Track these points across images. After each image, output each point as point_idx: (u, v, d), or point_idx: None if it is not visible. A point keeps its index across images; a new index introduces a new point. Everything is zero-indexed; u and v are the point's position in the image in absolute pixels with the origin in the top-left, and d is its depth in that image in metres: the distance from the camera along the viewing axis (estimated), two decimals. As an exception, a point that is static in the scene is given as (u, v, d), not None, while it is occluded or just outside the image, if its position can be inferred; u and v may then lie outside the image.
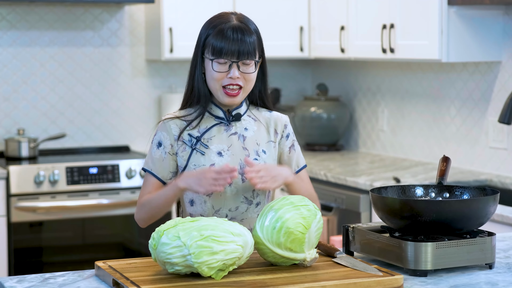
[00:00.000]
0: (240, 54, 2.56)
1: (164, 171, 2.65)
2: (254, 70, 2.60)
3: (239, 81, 2.59)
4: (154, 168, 2.65)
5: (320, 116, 5.42)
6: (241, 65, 2.58)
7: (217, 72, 2.59)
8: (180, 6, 5.19)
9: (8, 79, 5.26)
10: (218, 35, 2.58)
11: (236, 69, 2.57)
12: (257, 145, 2.68)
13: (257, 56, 2.61)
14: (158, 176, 2.65)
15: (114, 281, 2.21)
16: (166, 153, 2.65)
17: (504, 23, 4.30)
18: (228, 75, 2.58)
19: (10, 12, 5.23)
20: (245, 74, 2.59)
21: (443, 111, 4.79)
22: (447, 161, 2.60)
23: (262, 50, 2.65)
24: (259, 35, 2.64)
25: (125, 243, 5.05)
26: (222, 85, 2.60)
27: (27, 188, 4.72)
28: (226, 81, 2.59)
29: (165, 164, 2.65)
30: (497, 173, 4.42)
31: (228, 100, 2.61)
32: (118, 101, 5.51)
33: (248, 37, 2.58)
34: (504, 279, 2.32)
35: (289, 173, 2.63)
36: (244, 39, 2.57)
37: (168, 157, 2.65)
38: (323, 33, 5.18)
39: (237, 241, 2.21)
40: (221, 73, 2.58)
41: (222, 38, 2.57)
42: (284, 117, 2.76)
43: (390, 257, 2.38)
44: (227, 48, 2.56)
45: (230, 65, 2.57)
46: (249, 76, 2.60)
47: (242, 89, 2.61)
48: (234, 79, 2.58)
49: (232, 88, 2.59)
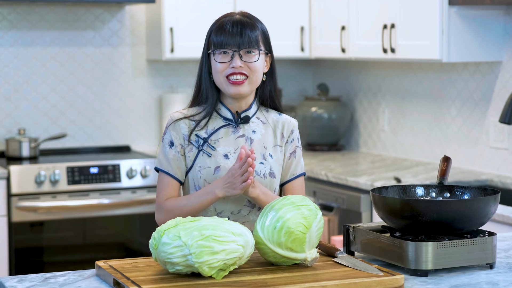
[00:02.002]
0: (241, 44, 2.57)
1: (180, 171, 2.64)
2: (257, 59, 2.59)
3: (242, 70, 2.58)
4: (170, 169, 2.63)
5: (321, 116, 5.42)
6: (244, 55, 2.58)
7: (219, 63, 2.58)
8: (181, 6, 5.19)
9: (9, 79, 5.27)
10: (219, 29, 2.60)
11: (238, 59, 2.57)
12: (264, 149, 2.66)
13: (262, 47, 2.61)
14: (175, 176, 2.63)
15: (115, 280, 2.21)
16: (179, 153, 2.64)
17: (504, 23, 4.30)
18: (231, 64, 2.57)
19: (11, 12, 5.24)
20: (248, 63, 2.58)
21: (444, 111, 4.79)
22: (447, 161, 2.60)
23: (269, 48, 2.65)
24: (265, 33, 2.64)
25: (126, 243, 5.05)
26: (225, 75, 2.59)
27: (28, 188, 4.72)
28: (229, 71, 2.58)
29: (180, 164, 2.63)
30: (498, 173, 4.42)
31: (233, 89, 2.59)
32: (119, 101, 5.51)
33: (248, 30, 2.59)
34: (505, 279, 2.32)
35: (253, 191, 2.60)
36: (244, 31, 2.58)
37: (180, 157, 2.64)
38: (324, 33, 5.18)
39: (238, 241, 2.21)
40: (224, 63, 2.58)
41: (222, 31, 2.59)
42: (293, 121, 2.74)
43: (391, 257, 2.38)
44: (228, 38, 2.57)
45: (233, 55, 2.57)
46: (253, 65, 2.59)
47: (248, 79, 2.59)
48: (237, 68, 2.57)
49: (236, 78, 2.58)
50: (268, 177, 2.63)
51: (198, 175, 2.61)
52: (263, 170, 2.63)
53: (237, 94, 2.60)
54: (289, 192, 2.71)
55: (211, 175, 2.60)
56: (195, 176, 2.62)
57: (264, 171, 2.63)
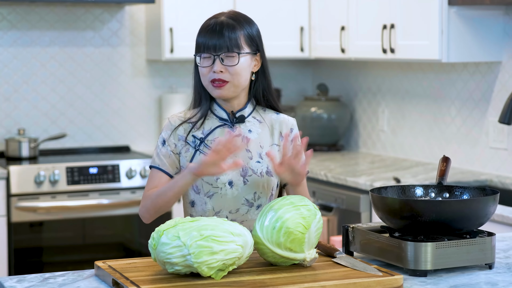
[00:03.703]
0: (217, 47, 2.56)
1: (172, 167, 2.64)
2: (237, 63, 2.57)
3: (222, 75, 2.57)
4: (161, 164, 2.64)
5: (320, 116, 5.42)
6: (225, 58, 2.57)
7: (202, 67, 2.59)
8: (181, 6, 5.19)
9: (9, 79, 5.27)
10: (201, 32, 2.61)
11: (218, 63, 2.57)
12: (260, 148, 2.67)
13: (245, 49, 2.59)
14: (166, 171, 2.64)
15: (114, 281, 2.21)
16: (171, 151, 2.65)
17: (504, 23, 4.30)
18: (212, 69, 2.58)
19: (11, 12, 5.23)
20: (228, 67, 2.57)
21: (443, 111, 4.79)
22: (447, 161, 2.60)
23: (257, 47, 2.64)
24: (249, 33, 2.61)
25: (125, 243, 5.05)
26: (209, 79, 2.59)
27: (27, 188, 4.72)
28: (212, 76, 2.58)
29: (171, 161, 2.64)
30: (497, 173, 4.42)
31: (216, 92, 2.60)
32: (119, 101, 5.51)
33: (228, 31, 2.57)
34: (504, 279, 2.32)
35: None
36: (222, 33, 2.57)
37: (172, 155, 2.64)
38: (324, 33, 5.18)
39: (237, 241, 2.21)
40: (206, 67, 2.59)
41: (203, 34, 2.59)
42: (291, 120, 2.74)
43: (390, 257, 2.38)
44: (206, 42, 2.57)
45: (214, 59, 2.57)
46: (233, 69, 2.57)
47: (230, 82, 2.58)
48: (217, 72, 2.57)
49: (218, 82, 2.58)
50: (265, 176, 2.64)
51: (195, 175, 2.62)
52: (260, 168, 2.64)
53: (220, 96, 2.62)
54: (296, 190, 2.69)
55: (209, 174, 2.61)
56: (193, 175, 2.63)
57: (261, 170, 2.64)
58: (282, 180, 2.66)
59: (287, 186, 2.72)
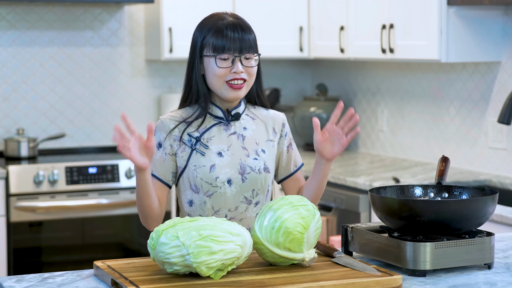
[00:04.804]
0: (243, 48, 2.58)
1: (166, 173, 2.65)
2: (255, 64, 2.62)
3: (243, 75, 2.60)
4: (154, 170, 2.65)
5: (319, 116, 5.42)
6: (243, 60, 2.60)
7: (220, 68, 2.59)
8: (180, 6, 5.19)
9: (8, 79, 5.27)
10: (218, 32, 2.60)
11: (239, 64, 2.59)
12: (256, 145, 2.68)
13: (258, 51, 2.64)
14: (159, 177, 2.65)
15: (113, 281, 2.21)
16: (166, 154, 2.65)
17: (503, 23, 4.30)
18: (232, 70, 2.59)
19: (10, 12, 5.23)
20: (247, 68, 2.60)
21: (442, 111, 4.79)
22: (446, 161, 2.60)
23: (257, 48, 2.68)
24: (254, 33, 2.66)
25: (124, 243, 5.05)
26: (225, 80, 2.60)
27: (26, 188, 4.72)
28: (230, 76, 2.59)
29: (166, 165, 2.65)
30: (497, 173, 4.42)
31: (233, 94, 2.61)
32: (118, 101, 5.51)
33: (247, 33, 2.61)
34: (503, 279, 2.32)
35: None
36: (244, 34, 2.60)
37: (168, 158, 2.65)
38: (323, 33, 5.19)
39: (236, 241, 2.21)
40: (225, 69, 2.59)
41: (222, 36, 2.59)
42: (281, 115, 2.78)
43: (389, 257, 2.38)
44: (230, 43, 2.58)
45: (233, 60, 2.58)
46: (251, 70, 2.61)
47: (246, 82, 2.62)
48: (239, 73, 2.59)
49: (237, 82, 2.60)
50: (263, 172, 2.65)
51: (194, 174, 2.62)
52: (258, 165, 2.65)
53: (235, 98, 2.63)
54: (296, 183, 2.75)
55: (207, 173, 2.61)
56: (191, 175, 2.63)
57: (259, 167, 2.65)
58: (320, 152, 2.64)
59: (283, 182, 2.74)
